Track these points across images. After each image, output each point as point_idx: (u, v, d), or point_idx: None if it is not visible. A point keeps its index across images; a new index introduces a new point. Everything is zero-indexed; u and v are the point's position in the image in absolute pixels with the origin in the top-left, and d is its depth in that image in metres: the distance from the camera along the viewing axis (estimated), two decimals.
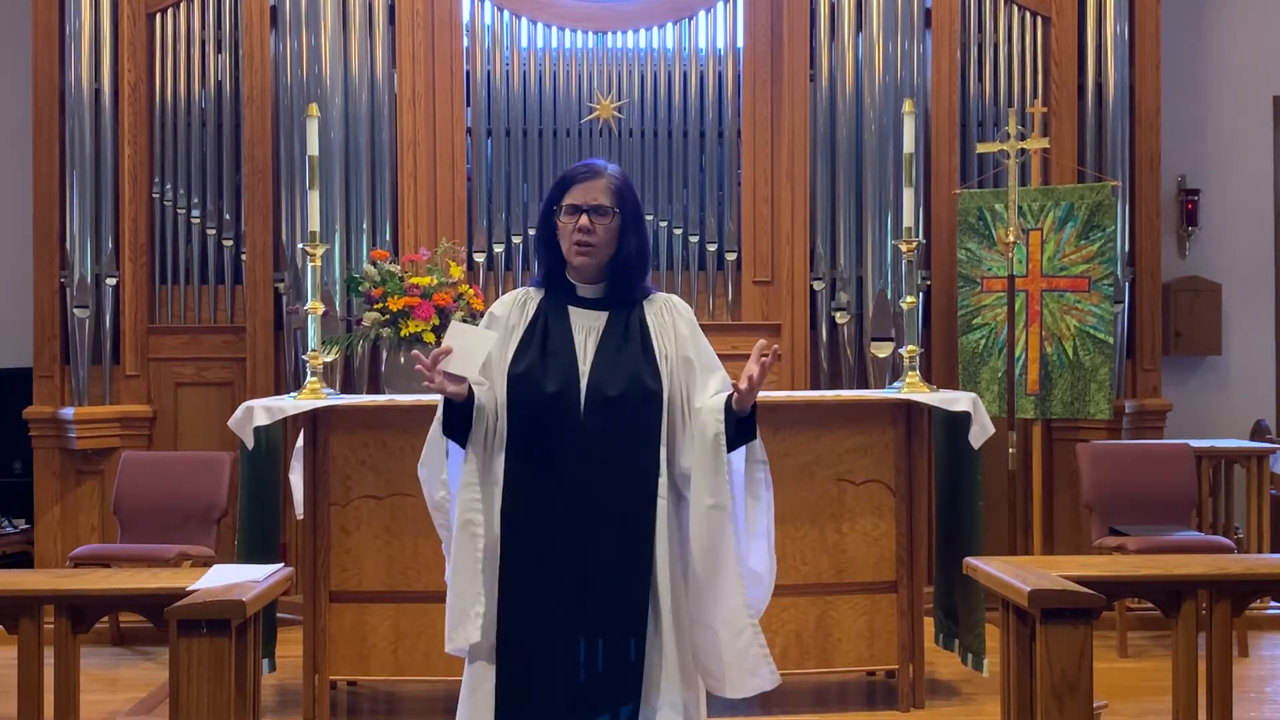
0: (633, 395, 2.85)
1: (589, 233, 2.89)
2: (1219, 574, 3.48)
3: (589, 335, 2.92)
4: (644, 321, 2.94)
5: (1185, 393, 7.25)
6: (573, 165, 3.00)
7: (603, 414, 2.83)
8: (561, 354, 2.89)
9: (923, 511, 4.96)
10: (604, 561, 2.81)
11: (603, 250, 2.91)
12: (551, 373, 2.86)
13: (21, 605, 3.34)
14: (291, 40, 6.50)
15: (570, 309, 2.95)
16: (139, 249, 6.59)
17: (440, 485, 2.95)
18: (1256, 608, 5.92)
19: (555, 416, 2.84)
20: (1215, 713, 3.42)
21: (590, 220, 2.89)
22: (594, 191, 2.91)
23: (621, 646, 2.80)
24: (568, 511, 2.82)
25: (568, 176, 2.95)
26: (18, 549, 6.75)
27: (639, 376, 2.87)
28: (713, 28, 6.80)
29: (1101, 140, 6.71)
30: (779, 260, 6.70)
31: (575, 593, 2.81)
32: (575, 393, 2.85)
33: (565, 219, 2.92)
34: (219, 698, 3.01)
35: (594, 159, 3.02)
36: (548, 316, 2.94)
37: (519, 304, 2.99)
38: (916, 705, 4.80)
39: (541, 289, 3.00)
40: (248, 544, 4.67)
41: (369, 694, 5.12)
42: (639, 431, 2.85)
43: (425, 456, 2.99)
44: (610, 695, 2.80)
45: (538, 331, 2.92)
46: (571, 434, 2.83)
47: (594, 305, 2.95)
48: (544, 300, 2.97)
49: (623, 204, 2.93)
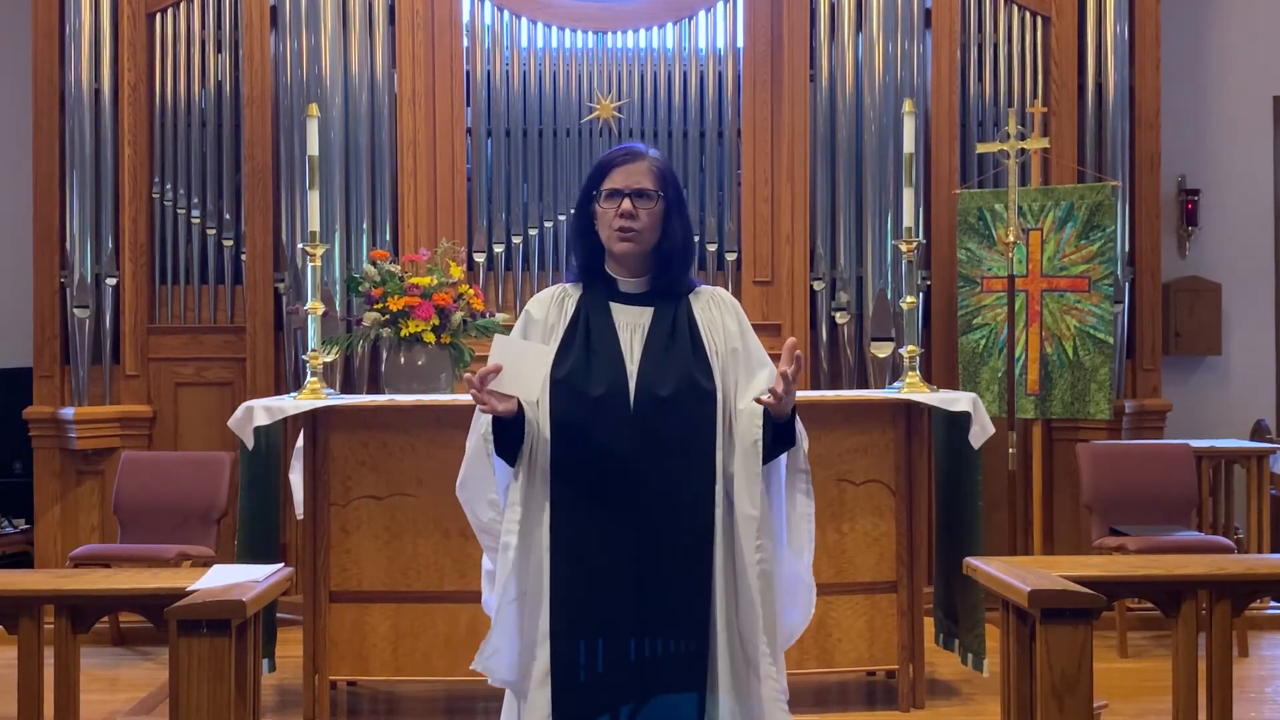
0: (685, 395, 2.68)
1: (632, 218, 2.71)
2: (1219, 574, 3.47)
3: (634, 333, 2.74)
4: (692, 317, 2.77)
5: (1185, 393, 7.25)
6: (610, 149, 2.82)
7: (654, 416, 2.66)
8: (606, 354, 2.71)
9: (923, 511, 4.96)
10: (661, 574, 2.64)
11: (646, 237, 2.73)
12: (597, 374, 2.68)
13: (21, 605, 3.33)
14: (291, 40, 6.50)
15: (612, 305, 2.76)
16: (139, 249, 6.59)
17: (488, 506, 2.80)
18: (1256, 608, 5.93)
19: (602, 421, 2.66)
20: (1215, 713, 3.42)
21: (633, 205, 2.71)
22: (636, 175, 2.73)
23: (681, 658, 2.65)
24: (621, 517, 2.65)
25: (606, 160, 2.77)
26: (18, 549, 6.75)
27: (691, 375, 2.69)
28: (713, 28, 6.80)
29: (1101, 140, 6.71)
30: (779, 260, 6.70)
31: (634, 609, 2.64)
32: (624, 395, 2.67)
33: (605, 205, 2.73)
34: (219, 698, 3.01)
35: (633, 142, 2.81)
36: (589, 314, 2.76)
37: (556, 302, 2.80)
38: (916, 705, 4.80)
39: (579, 284, 2.82)
40: (248, 544, 4.67)
41: (369, 694, 5.12)
42: (693, 434, 2.68)
43: (466, 477, 2.82)
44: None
45: (579, 330, 2.74)
46: (620, 439, 2.65)
47: (638, 300, 2.77)
48: (583, 297, 2.79)
49: (666, 188, 2.75)
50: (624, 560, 2.65)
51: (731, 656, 2.70)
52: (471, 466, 2.81)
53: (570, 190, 6.70)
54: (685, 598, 2.66)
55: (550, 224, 6.70)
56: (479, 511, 2.82)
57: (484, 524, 2.81)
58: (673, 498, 2.67)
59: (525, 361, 2.62)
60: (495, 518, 2.77)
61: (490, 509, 2.78)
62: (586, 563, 2.66)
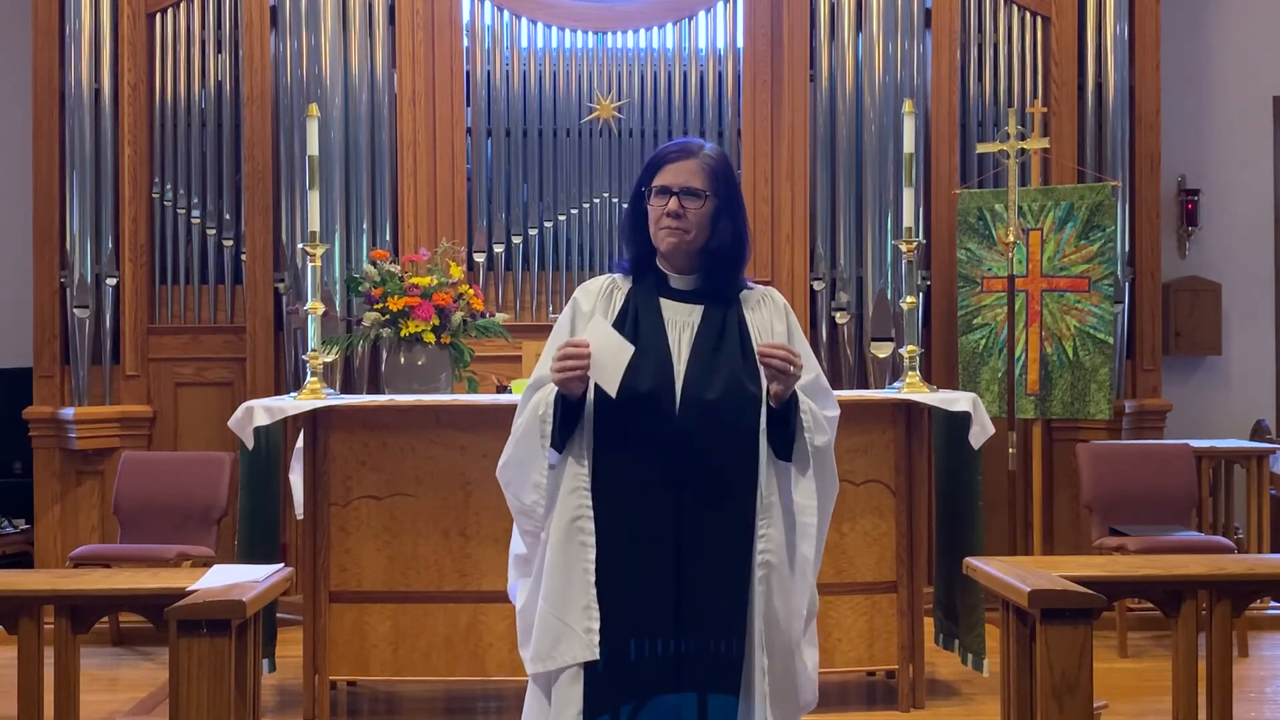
0: (732, 399, 2.64)
1: (679, 217, 2.68)
2: (1219, 574, 3.47)
3: (683, 331, 2.70)
4: (742, 318, 2.73)
5: (1185, 393, 7.25)
6: (666, 143, 2.78)
7: (699, 418, 2.62)
8: (655, 350, 2.66)
9: (923, 511, 4.96)
10: (702, 574, 2.62)
11: (693, 236, 2.70)
12: (644, 370, 2.62)
13: (21, 605, 3.33)
14: (291, 40, 6.50)
15: (662, 301, 2.72)
16: (139, 249, 6.59)
17: (532, 488, 2.70)
18: (1256, 608, 5.92)
19: (647, 418, 2.62)
20: (1215, 713, 3.42)
21: (680, 204, 2.67)
22: (685, 173, 2.69)
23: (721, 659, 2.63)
24: (662, 517, 2.62)
25: (660, 156, 2.74)
26: (18, 549, 6.75)
27: (738, 378, 2.65)
28: (713, 28, 6.80)
29: (1101, 140, 6.71)
30: (779, 260, 6.70)
31: (673, 608, 2.61)
32: (670, 394, 2.64)
33: (655, 201, 2.70)
34: (219, 698, 3.01)
35: (690, 137, 2.77)
36: (638, 308, 2.72)
37: (605, 294, 2.77)
38: (916, 705, 4.80)
39: (629, 277, 2.78)
40: (248, 544, 4.67)
41: (369, 694, 5.12)
42: (739, 439, 2.65)
43: (512, 456, 2.74)
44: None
45: (628, 324, 2.69)
46: (665, 438, 2.61)
47: (688, 298, 2.73)
48: (633, 289, 2.75)
49: (717, 187, 2.70)
50: (664, 558, 2.62)
51: (770, 657, 2.68)
52: (521, 446, 2.71)
53: (570, 190, 6.71)
54: (724, 598, 2.64)
55: (550, 224, 6.70)
56: (523, 494, 2.72)
57: (526, 506, 2.72)
58: (714, 502, 2.64)
59: (618, 356, 2.58)
60: (539, 500, 2.70)
61: (534, 491, 2.70)
62: (628, 559, 2.63)
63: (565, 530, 2.67)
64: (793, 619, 2.72)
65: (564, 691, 2.65)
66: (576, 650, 2.62)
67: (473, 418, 4.70)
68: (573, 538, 2.66)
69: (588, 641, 2.62)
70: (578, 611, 2.63)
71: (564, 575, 2.66)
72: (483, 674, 4.71)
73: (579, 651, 2.62)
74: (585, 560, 2.65)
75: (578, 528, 2.66)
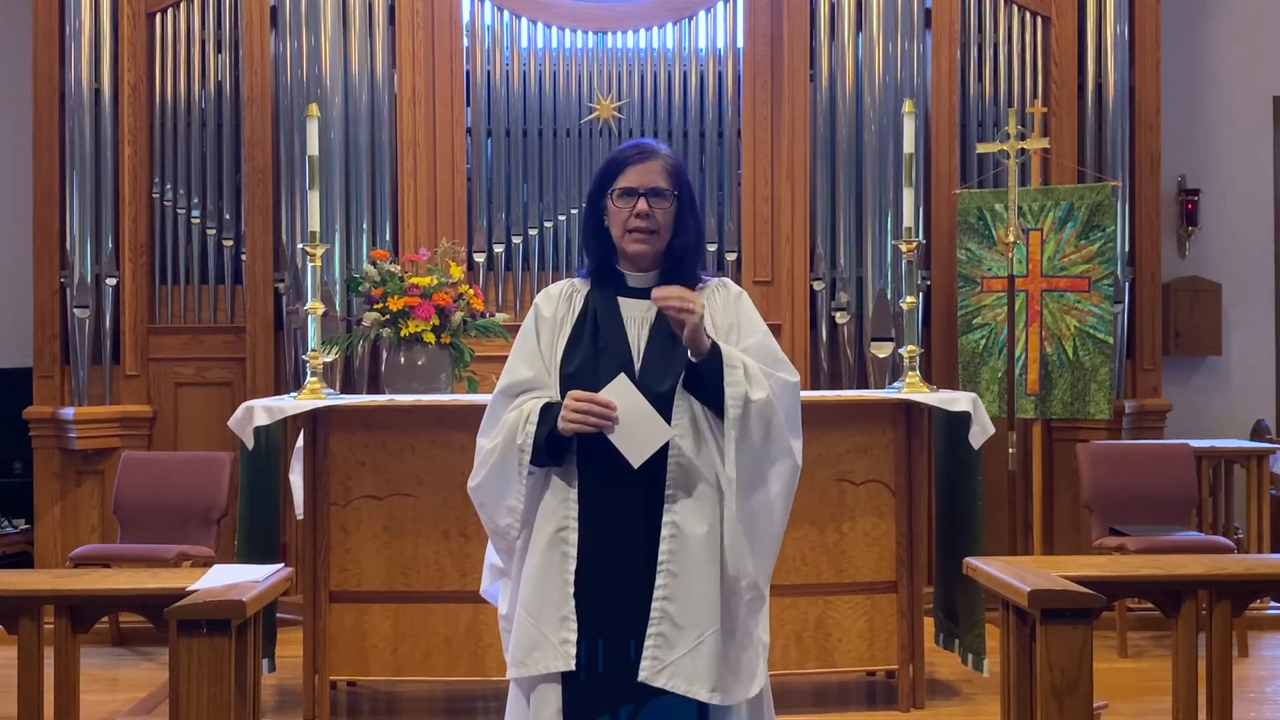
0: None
1: (647, 218, 2.70)
2: (1219, 574, 3.47)
3: (641, 328, 2.73)
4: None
5: (1185, 393, 7.25)
6: (622, 146, 2.79)
7: (657, 410, 2.62)
8: (613, 348, 2.71)
9: (923, 511, 4.96)
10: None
11: (661, 236, 2.73)
12: (604, 369, 2.67)
13: (21, 605, 3.34)
14: (291, 40, 6.50)
15: (620, 300, 2.76)
16: (139, 249, 6.59)
17: (506, 512, 2.70)
18: (1256, 608, 5.92)
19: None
20: (1215, 713, 3.42)
21: (648, 204, 2.71)
22: (650, 174, 2.72)
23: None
24: (631, 510, 2.65)
25: (619, 159, 2.75)
26: (18, 549, 6.75)
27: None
28: (713, 28, 6.80)
29: (1101, 140, 6.71)
30: (779, 260, 6.70)
31: (644, 603, 2.63)
32: None
33: (619, 204, 2.72)
34: (219, 698, 3.01)
35: (644, 139, 2.78)
36: (597, 309, 2.75)
37: (565, 297, 2.81)
38: (916, 705, 4.80)
39: (589, 280, 2.82)
40: (248, 544, 4.67)
41: (369, 694, 5.12)
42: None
43: (487, 479, 2.73)
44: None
45: (588, 325, 2.74)
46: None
47: (645, 295, 2.72)
48: (591, 291, 2.79)
49: (680, 186, 2.75)
50: (635, 555, 2.65)
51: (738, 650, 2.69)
52: (495, 472, 2.72)
53: (570, 190, 6.71)
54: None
55: (550, 224, 6.70)
56: (497, 516, 2.73)
57: (500, 528, 2.74)
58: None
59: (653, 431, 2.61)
60: (513, 524, 2.71)
61: (508, 515, 2.71)
62: (601, 559, 2.66)
63: (549, 539, 2.68)
64: (727, 593, 2.68)
65: (541, 696, 2.67)
66: (550, 660, 2.64)
67: (473, 418, 4.62)
68: (555, 547, 2.67)
69: (563, 652, 2.63)
70: (555, 622, 2.65)
71: (543, 584, 2.67)
72: (482, 674, 4.71)
73: (553, 661, 2.64)
74: (566, 571, 2.66)
75: (561, 538, 2.68)
